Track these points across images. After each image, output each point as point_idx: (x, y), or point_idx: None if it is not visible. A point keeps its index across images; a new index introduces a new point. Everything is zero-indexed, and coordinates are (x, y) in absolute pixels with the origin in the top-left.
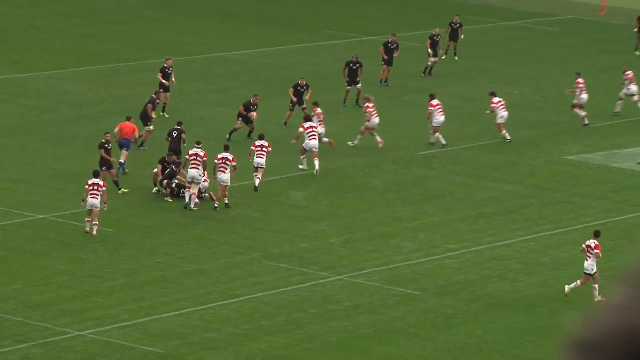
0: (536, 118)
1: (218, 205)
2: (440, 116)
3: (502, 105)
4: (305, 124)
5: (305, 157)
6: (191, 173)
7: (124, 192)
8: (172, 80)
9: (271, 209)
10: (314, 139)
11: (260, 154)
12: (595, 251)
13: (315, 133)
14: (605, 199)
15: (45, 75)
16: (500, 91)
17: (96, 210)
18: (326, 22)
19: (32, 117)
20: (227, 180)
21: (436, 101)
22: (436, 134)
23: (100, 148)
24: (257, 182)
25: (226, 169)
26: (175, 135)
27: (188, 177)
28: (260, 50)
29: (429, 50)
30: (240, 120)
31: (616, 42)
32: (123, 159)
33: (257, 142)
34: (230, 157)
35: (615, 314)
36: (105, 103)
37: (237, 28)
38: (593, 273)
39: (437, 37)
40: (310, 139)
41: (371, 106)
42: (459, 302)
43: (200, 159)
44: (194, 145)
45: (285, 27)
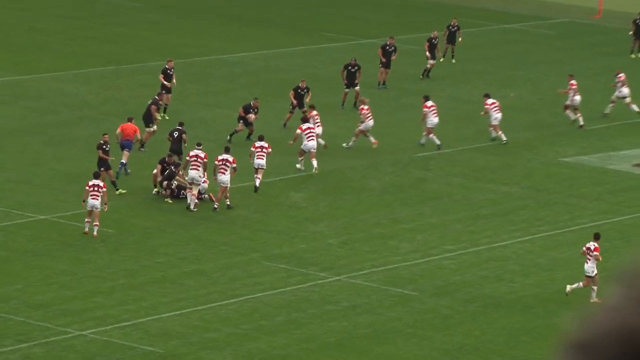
0: (532, 120)
1: (217, 206)
2: (434, 117)
3: (495, 106)
4: (303, 125)
5: (303, 158)
6: (191, 174)
7: (121, 192)
8: (173, 81)
9: (270, 210)
10: (312, 139)
11: (260, 155)
12: (595, 253)
13: (313, 134)
14: (601, 201)
15: (46, 77)
16: (497, 93)
17: (96, 211)
18: (325, 25)
19: (34, 118)
20: (227, 182)
21: (430, 102)
22: (430, 135)
23: (98, 149)
24: (257, 182)
25: (226, 170)
26: (176, 136)
27: (188, 178)
28: (260, 52)
29: (427, 53)
30: (241, 123)
31: (612, 44)
32: (125, 160)
33: (257, 143)
34: (231, 159)
35: (612, 314)
36: (105, 105)
37: (237, 30)
38: (593, 275)
39: (435, 40)
40: (308, 140)
41: (366, 108)
42: (456, 303)
43: (200, 160)
44: (194, 147)
45: (284, 29)
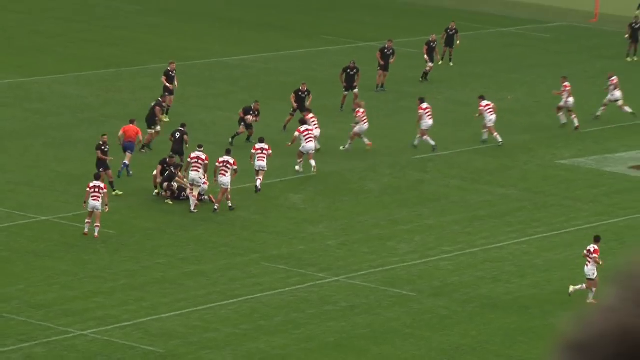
0: (529, 123)
1: (218, 207)
2: (429, 120)
3: (489, 108)
4: (301, 128)
5: (302, 160)
6: (191, 175)
7: (117, 194)
8: (175, 83)
9: (269, 212)
10: (311, 141)
11: (261, 157)
12: (594, 256)
13: (311, 136)
14: (597, 202)
15: (48, 80)
16: (494, 96)
17: (97, 212)
18: (324, 28)
19: (35, 120)
20: (228, 183)
21: (425, 104)
22: (424, 137)
23: (97, 149)
24: (259, 182)
25: (227, 172)
26: (177, 137)
27: (189, 179)
28: (260, 55)
29: (425, 56)
30: (242, 125)
31: (608, 48)
32: (127, 161)
33: (257, 145)
34: (231, 161)
35: (607, 314)
36: (106, 107)
37: (237, 34)
38: (594, 278)
39: (434, 43)
40: (306, 142)
41: (362, 112)
42: (453, 303)
43: (201, 161)
44: (195, 149)
45: (284, 33)
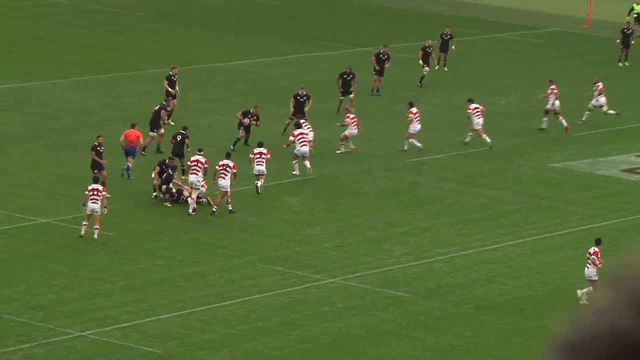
0: (523, 126)
1: (216, 209)
2: (417, 124)
3: (478, 111)
4: (295, 131)
5: (297, 162)
6: (191, 178)
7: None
8: (177, 88)
9: (267, 214)
10: (305, 145)
11: (260, 161)
12: (592, 257)
13: (306, 139)
14: (590, 205)
15: (49, 84)
16: (488, 101)
17: (96, 214)
18: (320, 34)
19: (36, 124)
20: (227, 186)
21: (415, 109)
22: (409, 140)
23: (92, 150)
24: (259, 183)
25: (226, 175)
26: (179, 139)
27: (188, 182)
28: (257, 60)
29: (420, 62)
30: (241, 129)
31: (600, 53)
32: (130, 164)
33: (256, 149)
34: (231, 164)
35: (600, 316)
36: (106, 111)
37: (234, 39)
38: (596, 279)
39: (430, 49)
40: (301, 145)
41: (351, 117)
42: (448, 304)
43: (200, 165)
44: (195, 152)
45: (281, 38)
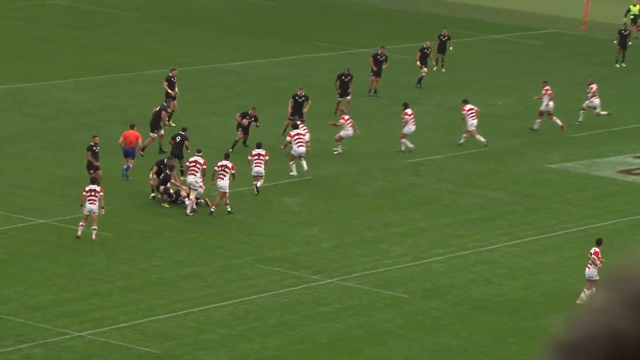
0: (520, 127)
1: (214, 210)
2: (412, 125)
3: (472, 112)
4: (292, 132)
5: (294, 163)
6: (189, 179)
7: None
8: (176, 90)
9: (264, 214)
10: (301, 145)
11: (258, 163)
12: (592, 257)
13: (302, 140)
14: (586, 206)
15: (47, 85)
16: (485, 102)
17: (94, 215)
18: (318, 35)
19: (34, 125)
20: (225, 187)
21: (410, 110)
22: (402, 139)
23: (88, 150)
24: (259, 184)
25: (225, 176)
26: (178, 140)
27: (186, 183)
28: (255, 61)
29: (418, 63)
30: (239, 131)
31: (597, 55)
32: (130, 165)
33: (254, 150)
34: (230, 165)
35: (597, 316)
36: (104, 112)
37: (232, 40)
38: (597, 279)
39: (427, 50)
40: (297, 146)
41: (346, 118)
42: (445, 305)
43: (199, 165)
44: (194, 153)
45: (278, 39)
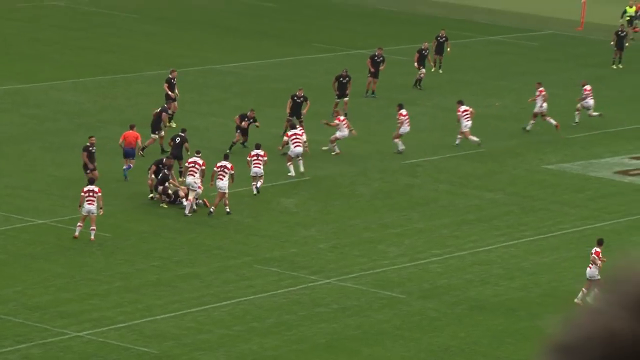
0: (517, 128)
1: (213, 210)
2: (407, 126)
3: (467, 114)
4: (289, 132)
5: (291, 163)
6: (188, 180)
7: None
8: (176, 91)
9: (262, 215)
10: (298, 146)
11: (257, 163)
12: (593, 257)
13: (299, 140)
14: (583, 207)
15: (46, 86)
16: (483, 103)
17: (93, 215)
18: (316, 36)
19: (33, 125)
20: (225, 187)
21: (404, 111)
22: (395, 139)
23: (84, 151)
24: (259, 184)
25: (224, 176)
26: (178, 141)
27: (186, 183)
28: (253, 62)
29: (415, 64)
30: (238, 132)
31: (594, 56)
32: (131, 164)
33: (253, 151)
34: (229, 165)
35: (594, 317)
36: (103, 113)
37: (230, 41)
38: (598, 279)
39: (425, 51)
40: (294, 147)
41: (342, 118)
42: (442, 305)
43: (198, 166)
44: (193, 154)
45: (276, 40)
